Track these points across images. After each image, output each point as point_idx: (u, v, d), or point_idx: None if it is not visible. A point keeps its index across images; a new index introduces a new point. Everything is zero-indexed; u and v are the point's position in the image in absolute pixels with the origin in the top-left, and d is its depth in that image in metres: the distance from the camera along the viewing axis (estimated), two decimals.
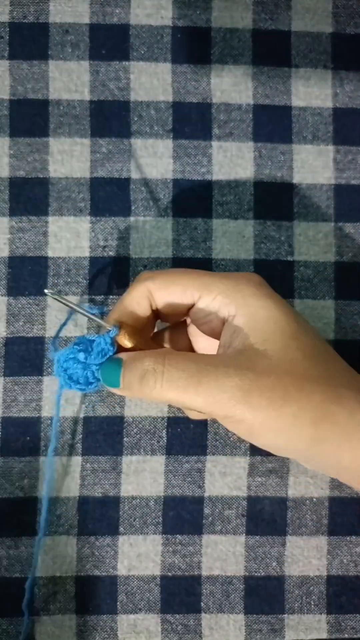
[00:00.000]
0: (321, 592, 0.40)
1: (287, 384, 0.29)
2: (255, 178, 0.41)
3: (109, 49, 0.41)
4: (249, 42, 0.41)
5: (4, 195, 0.40)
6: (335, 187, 0.41)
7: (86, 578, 0.39)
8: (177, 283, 0.32)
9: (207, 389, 0.28)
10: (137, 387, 0.30)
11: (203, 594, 0.39)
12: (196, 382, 0.29)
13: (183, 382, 0.29)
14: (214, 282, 0.32)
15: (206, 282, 0.32)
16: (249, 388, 0.28)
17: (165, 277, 0.33)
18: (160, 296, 0.33)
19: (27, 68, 0.40)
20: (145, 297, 0.33)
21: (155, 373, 0.29)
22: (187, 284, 0.32)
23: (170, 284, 0.32)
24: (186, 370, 0.29)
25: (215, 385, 0.28)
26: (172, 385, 0.29)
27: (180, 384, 0.29)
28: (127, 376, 0.30)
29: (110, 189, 0.40)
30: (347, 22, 0.42)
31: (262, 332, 0.30)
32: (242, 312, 0.31)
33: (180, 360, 0.30)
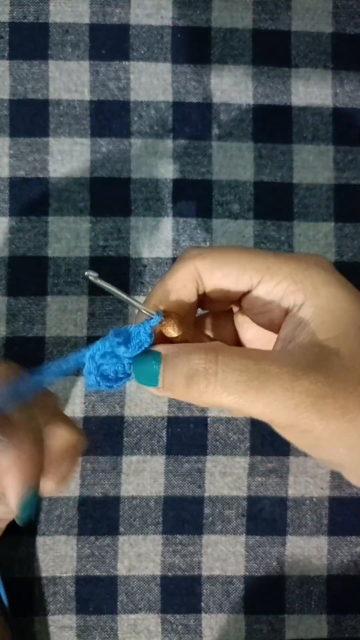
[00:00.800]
0: (321, 592, 0.40)
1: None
2: (255, 178, 0.41)
3: (109, 49, 0.41)
4: (249, 42, 0.41)
5: (4, 195, 0.40)
6: (335, 187, 0.41)
7: (86, 578, 0.39)
8: (233, 263, 0.27)
9: (270, 394, 0.24)
10: (182, 389, 0.25)
11: (203, 594, 0.39)
12: (257, 386, 0.24)
13: (242, 385, 0.24)
14: (278, 264, 0.27)
15: (269, 263, 0.27)
16: (321, 394, 0.24)
17: (219, 255, 0.27)
18: (210, 278, 0.27)
19: (27, 68, 0.40)
20: (193, 278, 0.28)
21: (207, 374, 0.24)
22: (246, 264, 0.27)
23: (225, 264, 0.27)
24: (245, 371, 0.24)
25: (280, 389, 0.24)
26: (227, 389, 0.24)
27: (238, 387, 0.24)
28: (169, 375, 0.25)
29: (110, 189, 0.40)
30: (347, 22, 0.42)
31: (334, 326, 0.26)
32: (311, 302, 0.26)
33: (237, 358, 0.25)
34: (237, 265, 0.27)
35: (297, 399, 0.24)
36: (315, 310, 0.26)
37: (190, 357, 0.25)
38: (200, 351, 0.25)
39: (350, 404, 0.24)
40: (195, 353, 0.25)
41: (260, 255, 0.27)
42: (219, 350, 0.25)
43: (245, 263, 0.27)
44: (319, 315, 0.26)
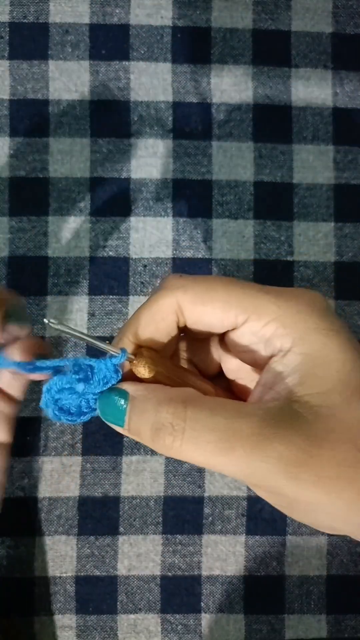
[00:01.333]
0: (321, 592, 0.40)
1: (346, 459, 0.22)
2: (255, 178, 0.41)
3: (109, 49, 0.41)
4: (249, 42, 0.41)
5: (4, 195, 0.40)
6: (335, 187, 0.41)
7: (86, 578, 0.39)
8: (219, 299, 0.25)
9: (240, 457, 0.22)
10: (149, 439, 0.23)
11: (203, 594, 0.39)
12: (227, 448, 0.22)
13: (211, 446, 0.22)
14: (266, 304, 0.24)
15: (257, 302, 0.25)
16: (296, 460, 0.22)
17: (204, 290, 0.25)
18: (192, 313, 0.25)
19: (27, 68, 0.40)
20: (173, 311, 0.25)
21: (173, 430, 0.22)
22: (232, 302, 0.25)
23: (209, 300, 0.25)
24: (214, 431, 0.22)
25: (251, 453, 0.22)
26: (196, 447, 0.22)
27: (207, 447, 0.22)
28: (135, 420, 0.24)
29: (110, 189, 0.40)
30: (347, 22, 0.42)
31: (318, 381, 0.23)
32: (297, 350, 0.24)
33: (206, 415, 0.23)
34: (222, 302, 0.25)
35: (269, 464, 0.22)
36: (301, 360, 0.24)
37: (157, 409, 0.23)
38: (169, 404, 0.23)
39: (329, 473, 0.22)
40: (164, 405, 0.23)
41: (248, 292, 0.25)
42: (188, 404, 0.23)
43: (231, 300, 0.25)
44: (304, 367, 0.24)
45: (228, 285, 0.25)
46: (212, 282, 0.25)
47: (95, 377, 0.25)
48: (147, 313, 0.26)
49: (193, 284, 0.25)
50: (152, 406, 0.23)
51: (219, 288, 0.25)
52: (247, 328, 0.25)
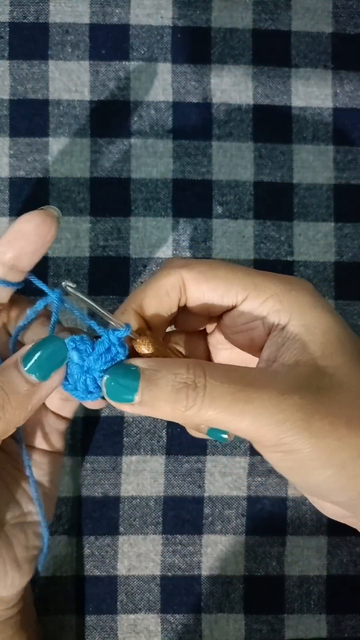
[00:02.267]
0: (321, 591, 0.40)
1: (354, 407, 0.24)
2: (255, 178, 0.41)
3: (109, 49, 0.41)
4: (249, 42, 0.41)
5: (4, 195, 0.40)
6: (335, 187, 0.41)
7: (86, 578, 0.39)
8: (221, 277, 0.26)
9: (258, 407, 0.23)
10: (166, 405, 0.24)
11: (203, 594, 0.39)
12: (245, 398, 0.23)
13: (229, 398, 0.23)
14: (265, 283, 0.26)
15: (256, 281, 0.26)
16: (311, 410, 0.23)
17: (207, 268, 0.26)
18: (196, 290, 0.27)
19: (27, 68, 0.40)
20: (177, 287, 0.27)
21: (196, 387, 0.23)
22: (233, 280, 0.26)
23: (212, 277, 0.26)
24: (232, 383, 0.23)
25: (269, 402, 0.23)
26: (214, 403, 0.23)
27: (224, 401, 0.23)
28: (149, 390, 0.24)
29: (110, 189, 0.40)
30: (347, 22, 0.42)
31: (320, 345, 0.25)
32: (296, 322, 0.26)
33: (223, 372, 0.24)
34: (224, 280, 0.26)
35: (285, 413, 0.23)
36: (301, 330, 0.25)
37: (175, 372, 0.24)
38: (186, 365, 0.24)
39: (339, 421, 0.23)
40: (181, 367, 0.24)
41: (247, 272, 0.27)
42: (204, 364, 0.24)
43: (232, 279, 0.26)
44: (305, 335, 0.25)
45: (228, 266, 0.27)
46: (214, 263, 0.27)
47: (97, 349, 0.25)
48: (153, 287, 0.27)
49: (197, 263, 0.27)
50: (168, 372, 0.24)
51: (221, 268, 0.27)
52: (246, 305, 0.26)
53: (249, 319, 0.27)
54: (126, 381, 0.24)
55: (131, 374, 0.24)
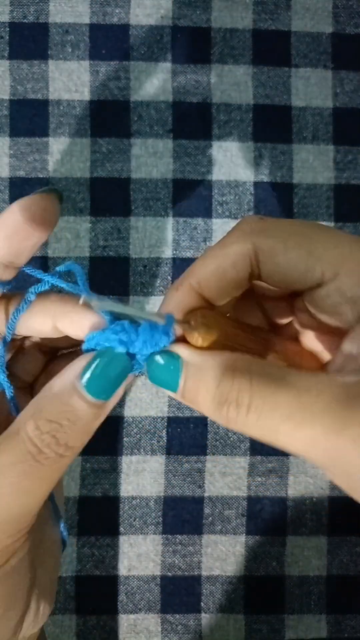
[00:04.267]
0: (321, 591, 0.40)
1: None
2: (255, 178, 0.41)
3: (109, 49, 0.41)
4: (249, 42, 0.41)
5: (4, 195, 0.40)
6: (335, 187, 0.41)
7: (86, 578, 0.39)
8: (304, 248, 0.21)
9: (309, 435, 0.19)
10: (208, 410, 0.20)
11: (203, 594, 0.39)
12: (297, 424, 0.19)
13: (277, 420, 0.19)
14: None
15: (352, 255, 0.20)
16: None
17: (287, 235, 0.21)
18: (271, 263, 0.21)
19: (27, 68, 0.40)
20: (247, 259, 0.21)
21: (238, 405, 0.20)
22: (320, 252, 0.20)
23: (294, 248, 0.21)
24: (283, 406, 0.19)
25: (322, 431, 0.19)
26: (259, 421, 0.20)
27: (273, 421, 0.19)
28: (192, 389, 0.21)
29: (110, 189, 0.40)
30: (347, 22, 0.42)
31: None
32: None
33: (274, 388, 0.19)
34: (308, 253, 0.20)
35: (344, 445, 0.19)
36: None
37: (219, 380, 0.20)
38: (232, 375, 0.20)
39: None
40: (225, 377, 0.20)
41: (339, 242, 0.21)
42: (254, 376, 0.20)
43: (319, 250, 0.20)
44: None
45: (315, 230, 0.21)
46: (296, 226, 0.21)
47: (140, 339, 0.22)
48: (217, 257, 0.22)
49: (275, 226, 0.21)
50: (212, 377, 0.20)
51: (305, 234, 0.21)
52: (333, 286, 0.21)
53: (336, 301, 0.21)
54: (168, 373, 0.21)
55: (173, 366, 0.21)
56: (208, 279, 0.22)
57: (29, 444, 0.21)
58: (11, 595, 0.22)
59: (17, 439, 0.21)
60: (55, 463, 0.21)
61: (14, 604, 0.22)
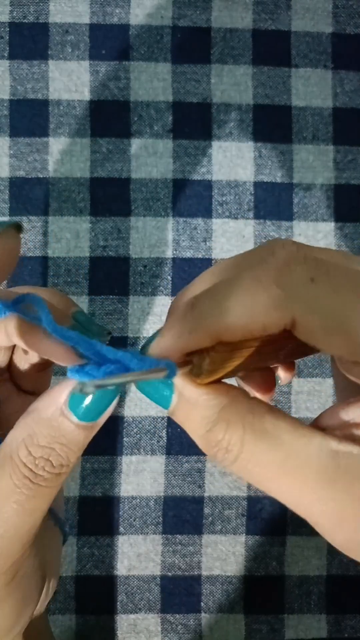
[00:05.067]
0: (321, 591, 0.40)
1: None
2: (255, 178, 0.41)
3: (109, 49, 0.41)
4: (249, 42, 0.41)
5: (4, 195, 0.40)
6: (335, 187, 0.41)
7: (86, 578, 0.39)
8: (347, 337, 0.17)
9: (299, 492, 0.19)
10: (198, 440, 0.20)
11: (203, 594, 0.39)
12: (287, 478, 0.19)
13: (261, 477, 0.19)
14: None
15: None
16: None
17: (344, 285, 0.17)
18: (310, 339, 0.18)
19: (27, 68, 0.40)
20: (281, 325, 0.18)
21: (226, 452, 0.19)
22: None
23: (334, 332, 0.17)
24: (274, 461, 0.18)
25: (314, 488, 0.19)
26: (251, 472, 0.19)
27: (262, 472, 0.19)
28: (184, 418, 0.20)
29: (110, 189, 0.40)
30: (347, 22, 0.42)
31: None
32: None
33: (268, 443, 0.18)
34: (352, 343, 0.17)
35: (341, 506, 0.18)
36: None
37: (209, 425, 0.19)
38: (225, 426, 0.19)
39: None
40: (218, 426, 0.19)
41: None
42: (247, 428, 0.18)
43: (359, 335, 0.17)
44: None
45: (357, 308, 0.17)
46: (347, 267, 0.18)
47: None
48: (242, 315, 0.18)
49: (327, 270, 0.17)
50: (204, 420, 0.19)
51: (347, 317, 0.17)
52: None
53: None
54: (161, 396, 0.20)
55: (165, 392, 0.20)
56: (231, 333, 0.18)
57: (23, 469, 0.21)
58: (26, 598, 0.23)
59: (12, 464, 0.21)
60: (53, 482, 0.21)
61: (29, 603, 0.23)
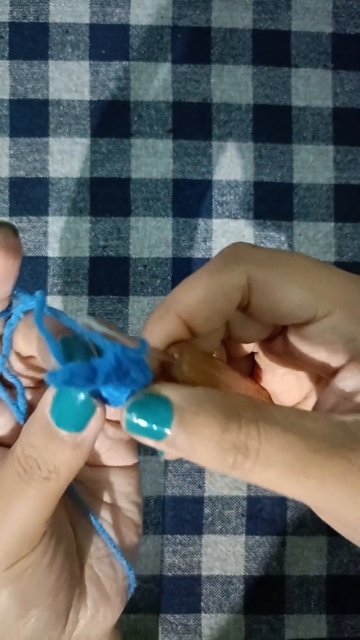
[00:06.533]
0: (321, 592, 0.40)
1: None
2: (255, 178, 0.41)
3: (109, 49, 0.41)
4: (249, 42, 0.41)
5: (4, 195, 0.40)
6: (335, 187, 0.41)
7: None
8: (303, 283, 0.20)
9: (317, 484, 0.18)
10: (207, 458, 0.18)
11: (203, 594, 0.39)
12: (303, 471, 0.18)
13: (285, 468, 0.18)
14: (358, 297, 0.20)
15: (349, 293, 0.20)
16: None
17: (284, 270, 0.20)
18: (266, 296, 0.20)
19: (27, 68, 0.40)
20: (240, 289, 0.20)
21: (247, 452, 0.18)
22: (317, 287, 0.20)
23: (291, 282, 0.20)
24: (289, 451, 0.18)
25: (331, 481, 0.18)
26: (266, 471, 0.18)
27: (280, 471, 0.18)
28: (187, 438, 0.18)
29: (110, 189, 0.40)
30: (347, 22, 0.42)
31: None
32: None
33: (279, 431, 0.18)
34: (304, 287, 0.19)
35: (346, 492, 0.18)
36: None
37: (223, 425, 0.18)
38: (238, 419, 0.18)
39: None
40: (232, 420, 0.18)
41: (335, 278, 0.20)
42: (260, 419, 0.18)
43: (316, 285, 0.19)
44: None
45: (315, 266, 0.20)
46: (293, 259, 0.20)
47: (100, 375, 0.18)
48: (210, 285, 0.20)
49: (270, 258, 0.20)
50: (215, 423, 0.18)
51: (299, 269, 0.20)
52: (327, 323, 0.20)
53: (329, 339, 0.20)
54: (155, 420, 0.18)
55: (163, 411, 0.18)
56: (198, 308, 0.20)
57: (16, 464, 0.21)
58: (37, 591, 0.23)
59: (11, 458, 0.21)
60: (41, 484, 0.21)
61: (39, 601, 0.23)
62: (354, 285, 0.20)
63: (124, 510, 0.28)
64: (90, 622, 0.25)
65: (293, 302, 0.20)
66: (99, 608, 0.25)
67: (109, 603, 0.26)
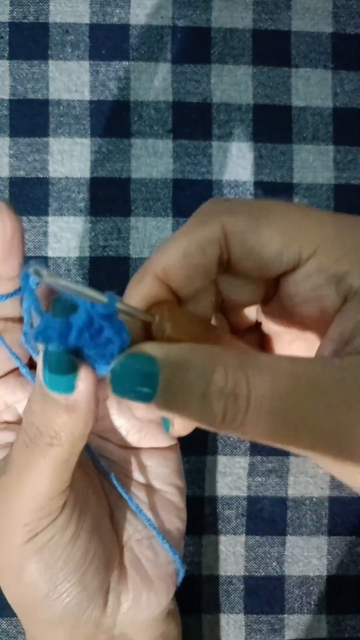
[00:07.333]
0: (321, 592, 0.40)
1: None
2: (255, 178, 0.41)
3: (109, 49, 0.41)
4: (249, 42, 0.41)
5: (4, 195, 0.40)
6: (335, 187, 0.41)
7: None
8: (278, 225, 0.19)
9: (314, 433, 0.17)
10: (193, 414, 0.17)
11: (203, 594, 0.39)
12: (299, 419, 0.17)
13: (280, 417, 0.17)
14: (339, 233, 0.19)
15: (326, 230, 0.19)
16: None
17: (258, 213, 0.19)
18: (243, 244, 0.19)
19: (27, 68, 0.40)
20: (216, 242, 0.19)
21: (236, 399, 0.17)
22: (295, 230, 0.19)
23: (266, 226, 0.19)
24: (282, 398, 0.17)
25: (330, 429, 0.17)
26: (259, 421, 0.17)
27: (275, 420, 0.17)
28: (173, 393, 0.17)
29: (110, 189, 0.40)
30: (347, 22, 0.42)
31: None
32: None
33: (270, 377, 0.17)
34: (282, 230, 0.19)
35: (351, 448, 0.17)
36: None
37: (207, 374, 0.17)
38: (223, 366, 0.17)
39: None
40: (217, 368, 0.17)
41: (315, 218, 0.19)
42: (246, 365, 0.17)
43: (293, 228, 0.19)
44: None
45: (288, 209, 0.19)
46: (267, 205, 0.19)
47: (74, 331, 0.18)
48: (182, 242, 0.19)
49: (242, 205, 0.19)
50: (201, 373, 0.17)
51: (276, 212, 0.19)
52: (313, 265, 0.19)
53: (317, 282, 0.19)
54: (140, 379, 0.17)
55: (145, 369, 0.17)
56: (174, 266, 0.19)
57: (23, 434, 0.21)
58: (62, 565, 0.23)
59: (20, 431, 0.22)
60: (45, 451, 0.21)
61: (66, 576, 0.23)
62: (335, 220, 0.19)
63: (162, 492, 0.27)
64: (133, 605, 0.24)
65: (273, 247, 0.19)
66: (141, 592, 0.24)
67: (152, 587, 0.25)
